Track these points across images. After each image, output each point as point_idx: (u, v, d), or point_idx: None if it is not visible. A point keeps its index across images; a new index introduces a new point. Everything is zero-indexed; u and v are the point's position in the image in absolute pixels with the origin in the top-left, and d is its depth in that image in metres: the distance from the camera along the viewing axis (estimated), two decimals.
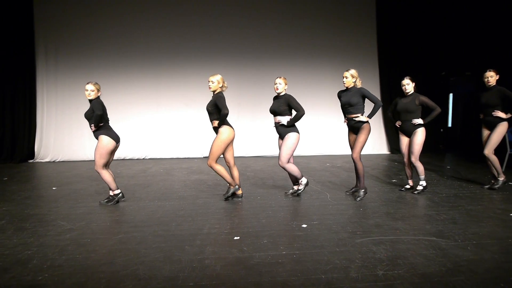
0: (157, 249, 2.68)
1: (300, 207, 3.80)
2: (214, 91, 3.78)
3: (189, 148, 7.70)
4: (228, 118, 3.82)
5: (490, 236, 2.86)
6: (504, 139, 5.64)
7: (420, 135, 4.07)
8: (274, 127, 4.07)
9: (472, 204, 3.79)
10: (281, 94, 3.97)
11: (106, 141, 3.80)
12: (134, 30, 7.66)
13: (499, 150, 4.26)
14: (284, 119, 3.92)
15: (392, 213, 3.51)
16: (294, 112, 3.95)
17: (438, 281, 2.14)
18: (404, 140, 4.29)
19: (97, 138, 3.84)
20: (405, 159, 4.31)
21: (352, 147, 4.08)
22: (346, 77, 3.92)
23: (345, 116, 4.11)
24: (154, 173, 5.99)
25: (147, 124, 7.84)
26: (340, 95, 4.14)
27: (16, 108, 7.52)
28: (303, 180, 4.11)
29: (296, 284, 2.13)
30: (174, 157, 7.59)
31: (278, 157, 3.98)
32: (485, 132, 4.33)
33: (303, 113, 3.87)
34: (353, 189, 4.35)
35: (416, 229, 3.03)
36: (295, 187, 4.21)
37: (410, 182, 4.40)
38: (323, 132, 7.87)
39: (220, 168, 3.86)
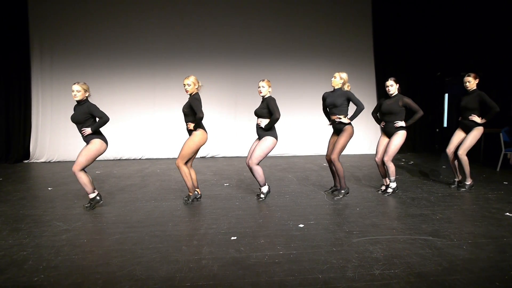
0: (154, 250, 2.67)
1: (297, 207, 3.81)
2: (191, 94, 3.75)
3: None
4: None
5: (485, 235, 2.88)
6: (498, 139, 5.71)
7: (399, 137, 4.03)
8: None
9: (467, 203, 3.82)
10: (265, 96, 3.97)
11: (99, 145, 3.64)
12: (130, 30, 7.62)
13: (470, 155, 4.31)
14: (264, 122, 3.90)
15: (389, 213, 3.53)
16: None
17: (434, 280, 2.15)
18: (383, 141, 4.25)
19: (87, 141, 3.64)
20: (377, 158, 4.26)
21: (330, 147, 4.13)
22: (335, 77, 4.00)
23: (328, 119, 4.18)
24: (151, 173, 5.96)
25: (143, 124, 7.81)
26: (325, 96, 4.16)
27: (11, 108, 7.45)
28: (264, 189, 4.06)
29: (293, 283, 2.14)
30: (171, 157, 7.57)
31: (250, 156, 3.92)
32: (459, 134, 4.35)
33: (278, 117, 3.80)
34: (331, 189, 4.37)
35: (412, 229, 3.05)
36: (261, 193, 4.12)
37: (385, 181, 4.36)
38: (320, 132, 7.87)
39: (186, 171, 3.82)
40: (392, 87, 4.13)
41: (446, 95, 9.37)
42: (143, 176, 5.73)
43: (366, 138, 8.18)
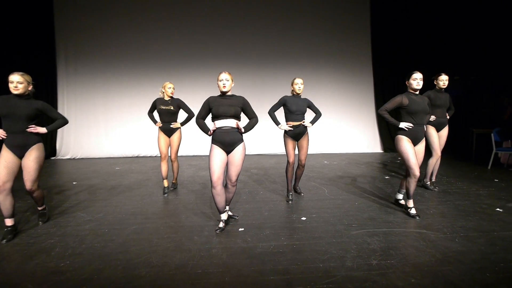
0: (168, 239, 2.69)
1: (300, 201, 3.80)
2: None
3: (197, 146, 7.70)
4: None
5: (477, 229, 2.84)
6: (489, 139, 5.61)
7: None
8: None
9: (460, 199, 3.77)
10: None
11: (43, 151, 2.93)
12: (146, 37, 7.67)
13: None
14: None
15: (385, 207, 3.50)
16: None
17: (428, 270, 2.13)
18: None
19: (29, 144, 2.77)
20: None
21: (289, 153, 3.69)
22: (302, 84, 3.64)
23: (287, 121, 3.70)
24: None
25: None
26: (289, 101, 3.64)
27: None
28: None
29: (296, 272, 2.13)
30: (184, 154, 7.61)
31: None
32: (436, 133, 4.06)
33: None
34: (295, 188, 4.13)
35: (407, 222, 3.02)
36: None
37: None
38: (321, 132, 7.84)
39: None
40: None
41: None
42: (158, 172, 5.77)
43: (363, 137, 8.12)
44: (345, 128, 8.10)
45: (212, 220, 3.15)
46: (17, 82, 2.70)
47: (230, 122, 2.81)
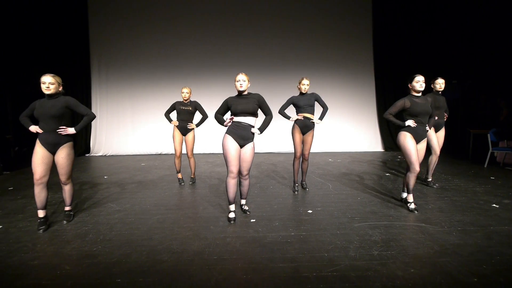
0: (188, 228, 2.72)
1: (306, 196, 3.76)
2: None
3: (213, 144, 7.73)
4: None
5: (473, 223, 2.74)
6: (486, 139, 5.41)
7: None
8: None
9: (457, 195, 3.65)
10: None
11: (72, 148, 2.90)
12: (167, 47, 7.77)
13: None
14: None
15: (386, 202, 3.43)
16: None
17: (426, 261, 2.07)
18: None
19: (61, 143, 2.77)
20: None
21: (297, 145, 3.72)
22: (308, 85, 3.68)
23: (298, 113, 3.72)
24: (185, 166, 6.04)
25: None
26: (296, 99, 3.72)
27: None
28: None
29: (303, 260, 2.12)
30: (201, 152, 7.67)
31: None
32: (435, 134, 3.96)
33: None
34: (302, 183, 4.11)
35: (407, 216, 2.95)
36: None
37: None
38: (325, 132, 7.74)
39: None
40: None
41: None
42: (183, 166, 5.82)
43: (366, 138, 7.97)
44: (348, 129, 7.98)
45: (226, 212, 3.16)
46: (49, 83, 2.66)
47: (248, 120, 2.81)
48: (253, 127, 2.85)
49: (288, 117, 3.77)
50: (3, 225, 2.85)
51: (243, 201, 3.15)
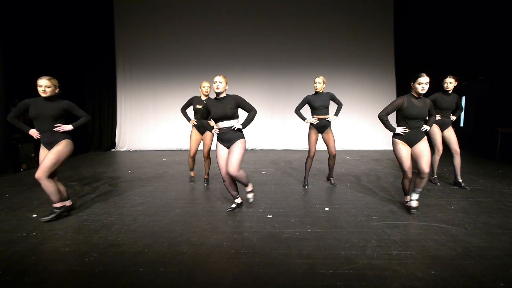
0: (206, 222, 2.76)
1: (323, 193, 3.71)
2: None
3: None
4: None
5: (500, 226, 2.58)
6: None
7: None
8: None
9: (483, 196, 3.44)
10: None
11: (70, 147, 2.84)
12: (186, 47, 7.89)
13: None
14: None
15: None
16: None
17: (448, 263, 1.98)
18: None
19: (58, 140, 2.76)
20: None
21: (311, 145, 3.75)
22: (319, 83, 3.63)
23: (313, 116, 3.74)
24: (203, 161, 6.14)
25: None
26: (312, 99, 3.70)
27: (102, 110, 8.17)
28: (238, 200, 3.13)
29: (320, 257, 2.09)
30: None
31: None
32: (440, 132, 3.86)
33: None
34: (330, 179, 4.15)
35: (427, 216, 2.82)
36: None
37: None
38: (343, 130, 7.57)
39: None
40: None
41: (464, 98, 8.48)
42: (197, 164, 5.92)
43: (385, 136, 7.71)
44: (366, 127, 7.76)
45: (244, 207, 3.18)
46: (45, 86, 2.65)
47: (228, 124, 2.80)
48: (233, 125, 2.79)
49: (303, 118, 3.79)
50: (38, 214, 3.03)
51: (247, 189, 3.02)
